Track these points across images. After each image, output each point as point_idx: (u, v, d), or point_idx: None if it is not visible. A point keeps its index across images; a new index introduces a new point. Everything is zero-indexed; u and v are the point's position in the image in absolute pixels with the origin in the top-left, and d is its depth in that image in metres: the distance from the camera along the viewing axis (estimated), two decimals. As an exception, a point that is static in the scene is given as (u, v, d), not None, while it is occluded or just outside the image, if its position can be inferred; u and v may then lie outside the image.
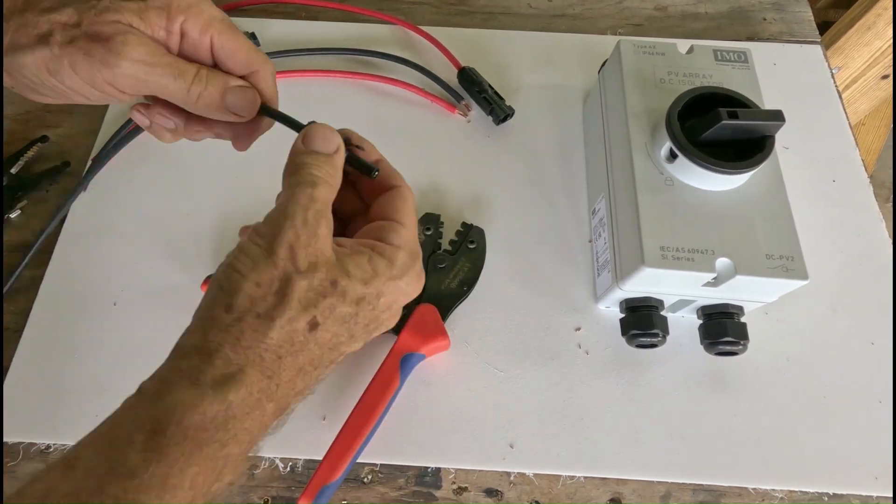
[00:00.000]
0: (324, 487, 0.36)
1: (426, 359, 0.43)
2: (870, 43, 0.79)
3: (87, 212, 0.49)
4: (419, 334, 0.42)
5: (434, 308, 0.43)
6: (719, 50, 0.46)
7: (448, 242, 0.47)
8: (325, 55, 0.58)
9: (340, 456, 0.37)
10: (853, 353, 0.45)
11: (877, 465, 0.41)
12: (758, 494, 0.40)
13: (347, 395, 0.42)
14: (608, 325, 0.45)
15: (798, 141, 0.53)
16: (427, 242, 0.46)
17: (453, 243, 0.47)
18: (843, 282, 0.47)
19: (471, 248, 0.46)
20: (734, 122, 0.37)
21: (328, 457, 0.37)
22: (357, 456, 0.38)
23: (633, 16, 0.64)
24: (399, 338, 0.42)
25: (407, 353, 0.41)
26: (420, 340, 0.41)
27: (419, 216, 0.45)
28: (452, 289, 0.45)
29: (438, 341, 0.42)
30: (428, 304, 0.43)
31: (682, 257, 0.37)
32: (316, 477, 0.37)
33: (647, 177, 0.40)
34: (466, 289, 0.45)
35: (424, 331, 0.42)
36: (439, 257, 0.46)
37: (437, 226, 0.47)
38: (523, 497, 0.40)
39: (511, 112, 0.54)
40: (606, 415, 0.42)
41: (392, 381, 0.40)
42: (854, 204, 0.51)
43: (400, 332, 0.42)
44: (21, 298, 0.46)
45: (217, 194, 0.50)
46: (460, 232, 0.47)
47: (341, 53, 0.58)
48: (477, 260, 0.46)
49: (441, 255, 0.46)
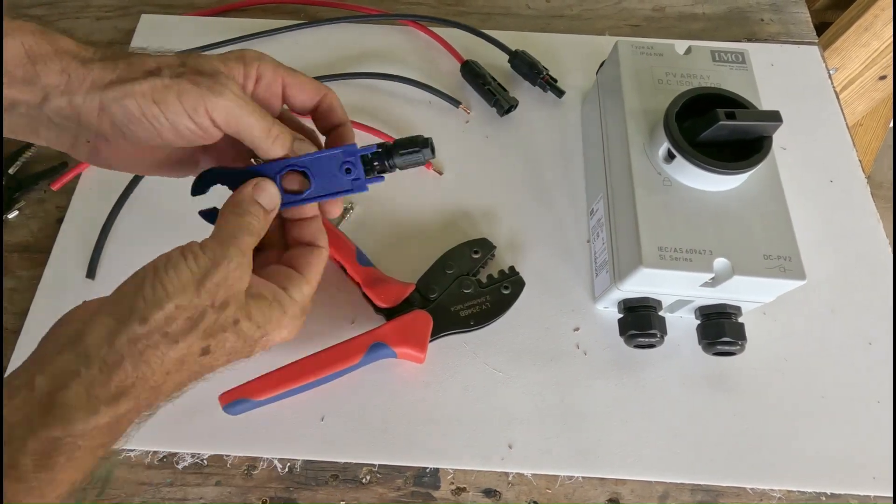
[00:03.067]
0: (242, 399, 0.38)
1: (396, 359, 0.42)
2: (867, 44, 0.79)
3: (86, 212, 0.49)
4: (401, 333, 0.41)
5: (430, 319, 0.42)
6: (717, 51, 0.46)
7: (486, 276, 0.45)
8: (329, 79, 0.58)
9: (272, 386, 0.39)
10: (851, 353, 0.45)
11: (875, 465, 0.41)
12: (756, 494, 0.40)
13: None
14: (606, 326, 0.45)
15: (796, 141, 0.54)
16: (467, 262, 0.45)
17: (490, 278, 0.45)
18: (840, 282, 0.48)
19: (504, 292, 0.44)
20: (732, 123, 0.37)
21: (263, 379, 0.39)
22: (284, 396, 0.39)
23: (631, 16, 0.64)
24: (382, 326, 0.42)
25: (379, 342, 0.41)
26: (399, 339, 0.41)
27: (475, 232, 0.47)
28: (461, 316, 0.43)
29: (415, 351, 0.41)
30: (427, 314, 0.43)
31: (679, 258, 0.37)
32: (243, 387, 0.38)
33: (645, 177, 0.40)
34: (473, 324, 0.43)
35: (407, 334, 0.41)
36: (468, 282, 0.44)
37: (487, 254, 0.46)
38: (522, 497, 0.40)
39: (515, 103, 0.54)
40: (605, 415, 0.42)
41: (353, 356, 0.40)
42: (852, 204, 0.51)
43: (387, 322, 0.42)
44: (19, 298, 0.46)
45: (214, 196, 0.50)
46: (503, 272, 0.45)
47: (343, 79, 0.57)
48: (501, 305, 0.44)
49: (472, 281, 0.45)
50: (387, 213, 0.50)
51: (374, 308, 0.44)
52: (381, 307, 0.43)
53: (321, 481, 0.40)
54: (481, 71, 0.55)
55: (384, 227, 0.49)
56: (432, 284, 0.44)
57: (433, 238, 0.48)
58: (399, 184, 0.51)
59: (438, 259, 0.46)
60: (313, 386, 0.40)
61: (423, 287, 0.44)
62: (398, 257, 0.47)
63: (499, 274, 0.45)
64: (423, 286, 0.44)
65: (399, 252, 0.48)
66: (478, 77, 0.55)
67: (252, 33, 0.58)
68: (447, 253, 0.46)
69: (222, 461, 0.41)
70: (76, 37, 0.30)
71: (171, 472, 0.40)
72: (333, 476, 0.41)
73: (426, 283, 0.44)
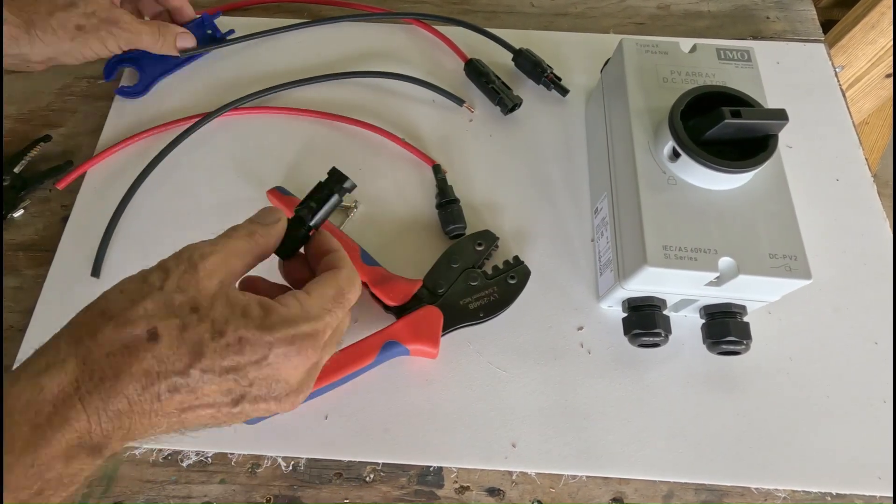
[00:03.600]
0: None
1: (409, 356, 0.42)
2: (874, 41, 0.79)
3: (90, 210, 0.49)
4: (412, 329, 0.41)
5: (440, 314, 0.42)
6: (722, 49, 0.46)
7: (491, 267, 0.46)
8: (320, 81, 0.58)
9: None
10: (856, 352, 0.45)
11: (880, 465, 0.41)
12: (760, 494, 0.40)
13: None
14: (610, 325, 0.45)
15: (801, 140, 0.53)
16: (472, 255, 0.45)
17: (495, 269, 0.45)
18: (846, 281, 0.47)
19: (510, 282, 0.44)
20: (737, 122, 0.37)
21: None
22: None
23: (636, 14, 0.63)
24: (394, 324, 0.42)
25: (392, 340, 0.41)
26: (411, 336, 0.41)
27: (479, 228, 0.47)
28: (470, 309, 0.44)
29: (428, 346, 0.41)
30: (437, 309, 0.43)
31: (684, 256, 0.37)
32: None
33: (649, 176, 0.40)
34: (483, 315, 0.43)
35: (419, 329, 0.42)
36: (474, 274, 0.45)
37: (490, 245, 0.46)
38: (525, 496, 0.40)
39: (519, 102, 0.54)
40: (609, 414, 0.42)
41: (367, 356, 0.40)
42: (858, 203, 0.51)
43: (398, 320, 0.42)
44: (24, 297, 0.46)
45: (218, 195, 0.51)
46: (508, 263, 0.45)
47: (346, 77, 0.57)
48: (508, 295, 0.44)
49: (478, 273, 0.45)
50: (388, 212, 0.50)
51: (382, 307, 0.44)
52: (391, 306, 0.43)
53: (325, 479, 0.41)
54: (485, 69, 0.55)
55: (387, 226, 0.49)
56: (439, 279, 0.44)
57: (436, 235, 0.49)
58: (401, 183, 0.51)
59: (443, 254, 0.46)
60: (327, 390, 0.40)
61: (431, 283, 0.44)
62: (402, 255, 0.47)
63: (504, 264, 0.46)
64: (430, 282, 0.44)
65: (402, 249, 0.48)
66: (482, 75, 0.55)
67: (254, 32, 0.58)
68: (451, 247, 0.46)
69: (226, 459, 0.41)
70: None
71: (175, 470, 0.41)
72: (337, 474, 0.41)
73: (433, 279, 0.44)
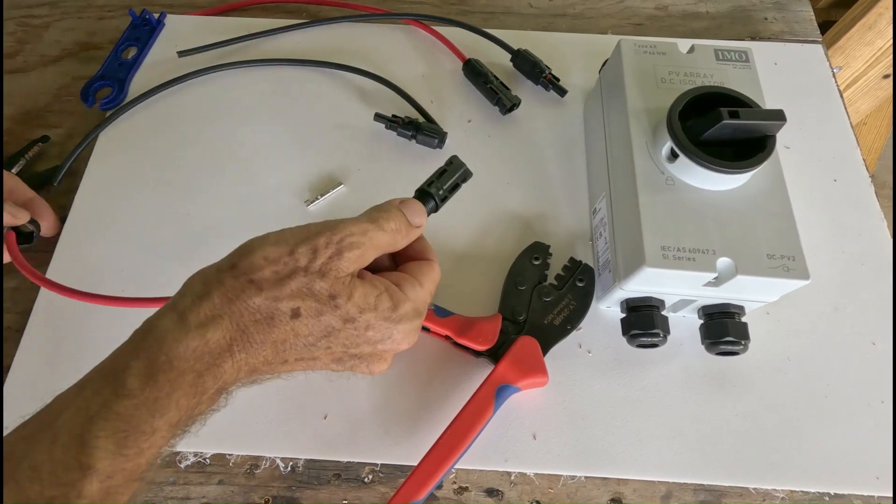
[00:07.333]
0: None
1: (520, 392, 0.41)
2: (871, 42, 0.79)
3: (89, 211, 0.49)
4: (517, 366, 0.41)
5: (535, 342, 0.42)
6: (720, 49, 0.46)
7: (554, 276, 0.45)
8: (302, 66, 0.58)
9: (427, 476, 0.37)
10: (855, 352, 0.45)
11: (878, 465, 0.41)
12: (759, 494, 0.40)
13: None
14: (609, 325, 0.45)
15: (799, 140, 0.53)
16: (534, 272, 0.45)
17: (559, 278, 0.45)
18: (844, 281, 0.47)
19: (579, 285, 0.44)
20: (735, 122, 0.37)
21: (414, 476, 0.37)
22: (442, 479, 0.38)
23: (634, 15, 0.64)
24: (497, 367, 0.41)
25: (503, 384, 0.40)
26: (518, 373, 0.40)
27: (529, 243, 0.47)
28: (556, 325, 0.43)
29: (536, 377, 0.40)
30: (530, 337, 0.42)
31: (683, 257, 0.37)
32: (399, 494, 0.36)
33: (647, 176, 0.40)
34: (570, 327, 0.43)
35: (523, 364, 0.41)
36: (546, 290, 0.44)
37: (546, 256, 0.46)
38: (524, 497, 0.40)
39: (517, 101, 0.54)
40: (607, 415, 0.42)
41: (486, 409, 0.39)
42: (855, 203, 0.51)
43: (498, 362, 0.41)
44: (22, 298, 0.46)
45: (219, 195, 0.50)
46: (568, 267, 0.45)
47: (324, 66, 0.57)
48: (585, 298, 0.44)
49: (548, 287, 0.44)
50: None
51: (472, 353, 0.43)
52: (482, 350, 0.42)
53: (323, 480, 0.40)
54: (483, 70, 0.55)
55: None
56: (515, 307, 0.43)
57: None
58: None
59: (506, 280, 0.45)
60: (460, 459, 0.38)
61: (508, 313, 0.43)
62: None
63: (564, 270, 0.45)
64: (507, 312, 0.43)
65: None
66: (480, 76, 0.55)
67: (253, 33, 0.58)
68: (511, 270, 0.45)
69: (225, 460, 0.41)
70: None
71: (173, 471, 0.40)
72: (336, 475, 0.41)
73: (509, 308, 0.44)
